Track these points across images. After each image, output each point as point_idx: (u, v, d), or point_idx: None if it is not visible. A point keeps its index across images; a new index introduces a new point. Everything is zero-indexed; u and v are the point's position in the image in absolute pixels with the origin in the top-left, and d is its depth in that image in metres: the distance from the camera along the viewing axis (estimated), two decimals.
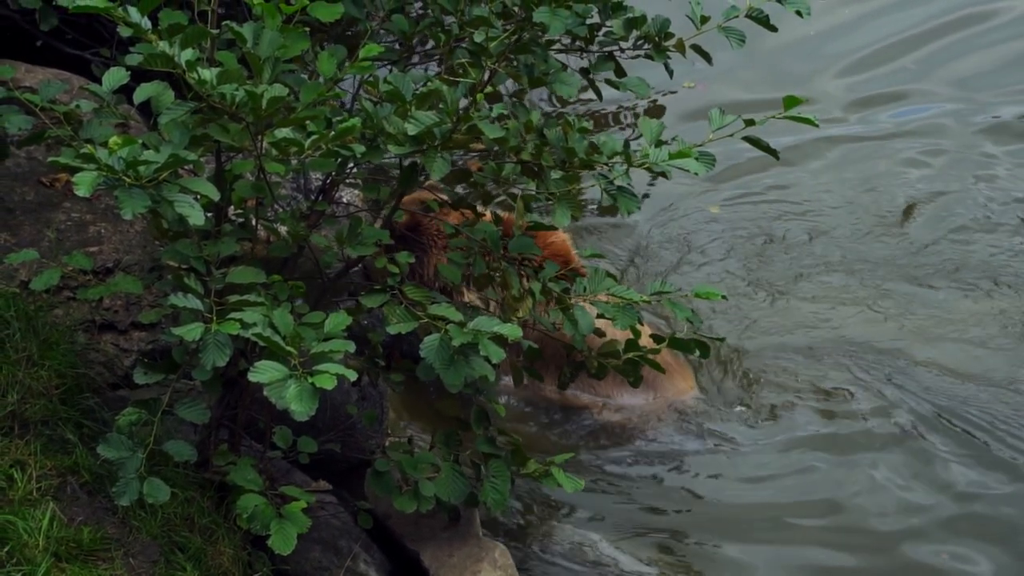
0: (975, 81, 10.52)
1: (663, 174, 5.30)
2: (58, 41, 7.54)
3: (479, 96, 5.20)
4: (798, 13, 5.65)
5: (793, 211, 9.25)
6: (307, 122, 4.89)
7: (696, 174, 5.25)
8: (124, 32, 4.80)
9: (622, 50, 5.93)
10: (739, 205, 9.27)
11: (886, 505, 7.05)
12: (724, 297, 5.63)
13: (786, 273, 8.69)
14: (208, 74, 4.69)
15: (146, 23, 4.71)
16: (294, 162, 4.99)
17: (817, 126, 5.47)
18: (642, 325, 5.73)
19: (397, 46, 5.97)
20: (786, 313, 8.32)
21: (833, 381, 7.81)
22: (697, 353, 5.72)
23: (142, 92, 4.98)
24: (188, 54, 4.70)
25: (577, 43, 5.90)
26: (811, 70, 10.47)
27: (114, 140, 4.67)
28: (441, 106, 5.13)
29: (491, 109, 5.29)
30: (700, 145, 5.31)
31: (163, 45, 4.69)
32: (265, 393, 4.50)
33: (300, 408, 4.43)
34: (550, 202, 5.40)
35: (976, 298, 8.48)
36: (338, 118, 5.11)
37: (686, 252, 8.84)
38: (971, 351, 8.05)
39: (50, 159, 4.92)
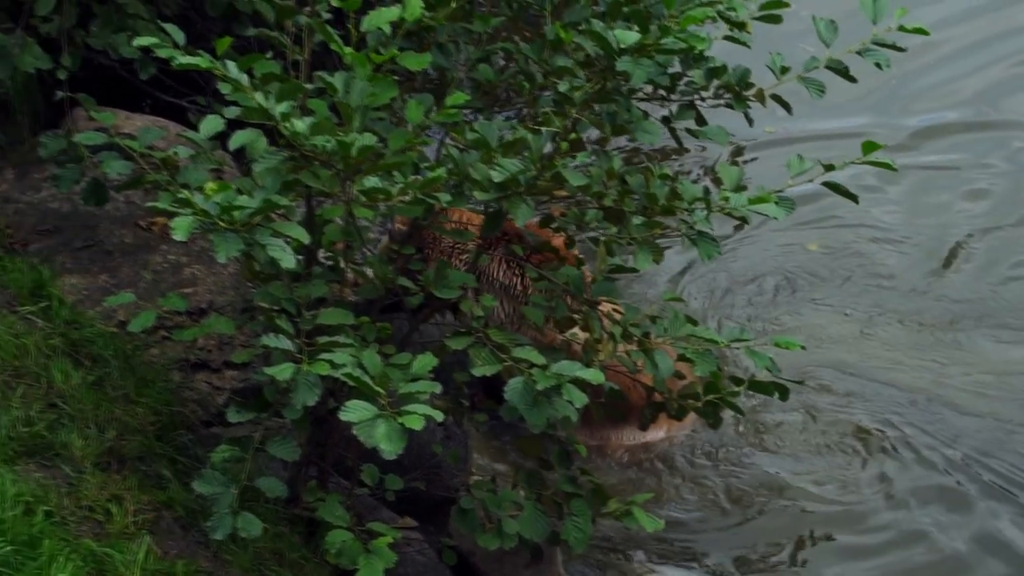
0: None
1: (743, 219, 5.36)
2: (156, 89, 7.72)
3: (563, 144, 5.27)
4: (877, 65, 5.69)
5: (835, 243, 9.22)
6: (395, 171, 4.98)
7: (776, 219, 5.31)
8: (224, 90, 4.89)
9: (703, 99, 5.98)
10: (795, 231, 9.22)
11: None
12: (803, 347, 5.65)
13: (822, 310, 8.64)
14: (301, 125, 4.77)
15: (244, 79, 4.83)
16: (382, 208, 5.05)
17: (896, 170, 5.50)
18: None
19: (483, 95, 6.05)
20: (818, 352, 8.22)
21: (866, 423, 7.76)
22: (776, 396, 5.77)
23: (237, 139, 5.07)
24: (283, 107, 4.80)
25: (659, 92, 5.95)
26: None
27: (210, 186, 4.77)
28: (526, 153, 5.18)
29: (575, 157, 5.37)
30: (779, 191, 5.37)
31: (259, 97, 4.79)
32: (354, 432, 4.56)
33: (389, 447, 4.50)
34: (631, 246, 5.47)
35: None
36: (425, 164, 5.19)
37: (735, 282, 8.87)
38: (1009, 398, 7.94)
39: (148, 204, 5.04)
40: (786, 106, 5.94)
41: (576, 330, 5.97)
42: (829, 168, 5.41)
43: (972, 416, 7.80)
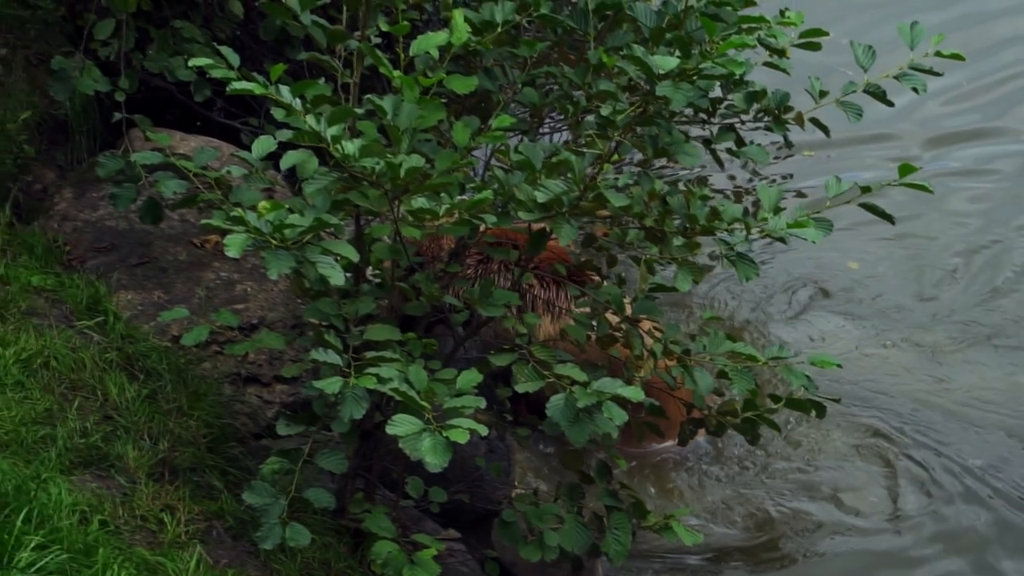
0: None
1: (781, 240, 5.41)
2: (210, 111, 7.83)
3: (606, 166, 5.33)
4: (914, 90, 5.73)
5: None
6: (441, 191, 5.06)
7: (814, 242, 5.34)
8: (277, 115, 4.98)
9: (743, 122, 6.03)
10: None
11: None
12: (839, 365, 5.70)
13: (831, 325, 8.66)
14: (351, 147, 4.85)
15: (297, 103, 4.91)
16: (428, 227, 5.14)
17: (932, 192, 5.55)
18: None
19: (528, 117, 6.11)
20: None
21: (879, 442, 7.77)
22: (813, 413, 5.83)
23: (288, 160, 5.16)
24: (334, 130, 4.88)
25: (699, 115, 5.99)
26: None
27: (263, 204, 4.84)
28: (569, 175, 5.26)
29: (617, 179, 5.44)
30: (817, 212, 5.42)
31: (310, 120, 4.87)
32: (400, 445, 4.63)
33: (434, 460, 4.57)
34: (671, 265, 5.55)
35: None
36: (471, 184, 5.28)
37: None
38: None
39: (202, 222, 5.13)
40: (824, 130, 5.98)
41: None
42: (866, 190, 5.47)
43: (998, 432, 7.81)
